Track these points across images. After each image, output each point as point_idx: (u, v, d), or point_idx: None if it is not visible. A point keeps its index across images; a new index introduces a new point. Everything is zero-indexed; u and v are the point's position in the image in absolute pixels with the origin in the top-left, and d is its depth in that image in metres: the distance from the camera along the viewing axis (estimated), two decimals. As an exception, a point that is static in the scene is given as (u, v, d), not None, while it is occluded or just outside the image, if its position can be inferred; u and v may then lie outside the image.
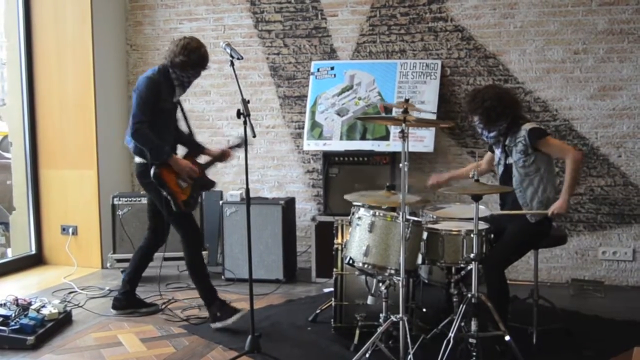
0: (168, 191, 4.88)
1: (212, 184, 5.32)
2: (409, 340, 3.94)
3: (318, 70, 6.56)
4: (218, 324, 4.87)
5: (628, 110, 5.97)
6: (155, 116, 4.86)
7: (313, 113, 6.46)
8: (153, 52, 7.26)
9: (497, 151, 4.63)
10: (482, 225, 4.29)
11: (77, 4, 6.75)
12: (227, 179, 6.97)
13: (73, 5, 6.77)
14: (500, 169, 4.60)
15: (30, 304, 4.94)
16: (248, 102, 4.36)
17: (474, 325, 3.95)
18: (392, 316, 4.06)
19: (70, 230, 6.91)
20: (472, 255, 4.02)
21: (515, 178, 4.46)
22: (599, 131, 6.05)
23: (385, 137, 6.21)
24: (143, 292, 5.91)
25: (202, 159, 5.25)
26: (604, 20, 5.97)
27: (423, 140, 6.10)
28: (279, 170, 6.93)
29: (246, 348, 4.33)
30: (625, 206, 6.03)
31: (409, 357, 3.91)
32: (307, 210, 6.73)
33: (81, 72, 6.80)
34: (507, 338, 3.97)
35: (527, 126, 4.42)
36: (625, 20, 5.92)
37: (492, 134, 4.52)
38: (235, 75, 4.42)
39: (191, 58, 4.86)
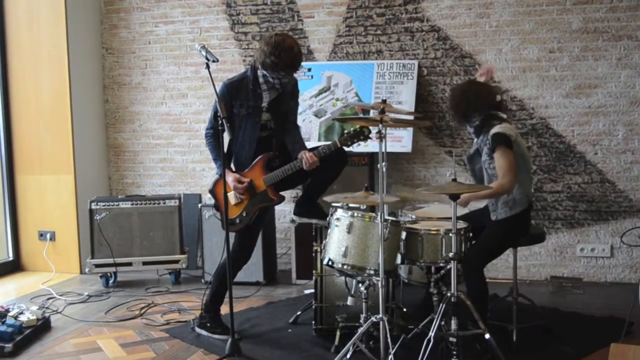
0: (216, 206, 4.82)
1: (271, 201, 4.71)
2: (389, 340, 3.94)
3: (295, 71, 6.54)
4: (203, 332, 4.83)
5: (603, 108, 6.02)
6: (230, 122, 4.47)
7: (291, 114, 6.45)
8: (129, 55, 7.22)
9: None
10: (461, 225, 4.31)
11: (51, 8, 6.69)
12: (205, 182, 6.94)
13: (47, 9, 6.71)
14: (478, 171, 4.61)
15: (7, 310, 4.90)
16: (225, 104, 4.35)
17: (454, 324, 3.95)
18: (372, 317, 4.07)
19: (48, 235, 6.85)
20: (451, 255, 4.02)
21: (486, 178, 4.48)
22: (575, 129, 6.09)
23: (365, 137, 6.20)
24: (122, 296, 5.90)
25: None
26: (578, 19, 6.01)
27: (401, 141, 6.11)
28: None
29: (226, 351, 4.33)
30: (602, 203, 6.08)
31: (390, 357, 3.91)
32: (286, 212, 6.71)
33: (56, 76, 6.75)
34: (487, 336, 3.98)
35: (495, 129, 4.35)
36: (599, 19, 5.97)
37: (471, 130, 4.53)
38: (211, 78, 4.40)
39: (282, 59, 4.41)
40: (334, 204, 4.41)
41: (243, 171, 4.69)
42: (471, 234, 4.42)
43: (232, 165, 4.75)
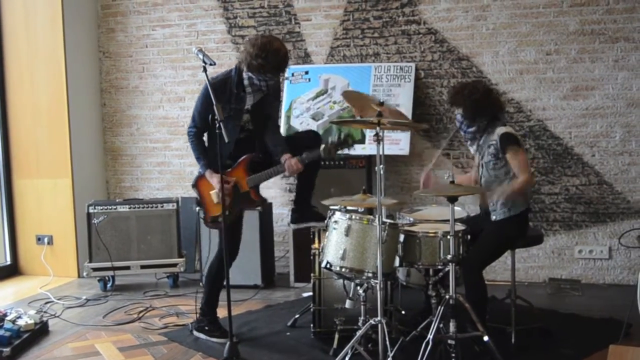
0: (199, 202, 4.83)
1: (253, 203, 4.75)
2: (388, 343, 3.94)
3: (292, 74, 6.55)
4: (201, 335, 4.82)
5: (601, 110, 6.03)
6: (211, 123, 4.46)
7: (288, 118, 6.45)
8: (126, 58, 7.22)
9: (472, 149, 4.64)
10: (459, 227, 4.30)
11: (48, 12, 6.69)
12: (203, 185, 6.94)
13: (44, 13, 6.71)
14: (481, 170, 4.60)
15: (5, 315, 4.89)
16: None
17: (452, 327, 3.96)
18: (370, 319, 4.06)
19: (46, 239, 6.84)
20: (449, 257, 4.02)
21: (485, 178, 4.48)
22: (572, 131, 6.10)
23: (361, 141, 6.20)
24: (120, 300, 5.89)
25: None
26: (575, 21, 6.02)
27: (399, 143, 6.11)
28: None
29: (225, 354, 4.31)
30: (600, 205, 6.08)
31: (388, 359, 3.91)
32: (284, 215, 6.71)
33: (53, 79, 6.74)
34: (486, 338, 3.98)
35: (500, 130, 4.40)
36: (596, 21, 5.98)
37: (471, 129, 4.52)
38: (208, 81, 4.38)
39: (270, 61, 4.38)
40: (332, 207, 4.40)
41: (224, 171, 4.64)
42: (469, 237, 4.42)
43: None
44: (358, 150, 6.15)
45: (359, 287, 4.23)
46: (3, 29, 6.83)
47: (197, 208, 4.84)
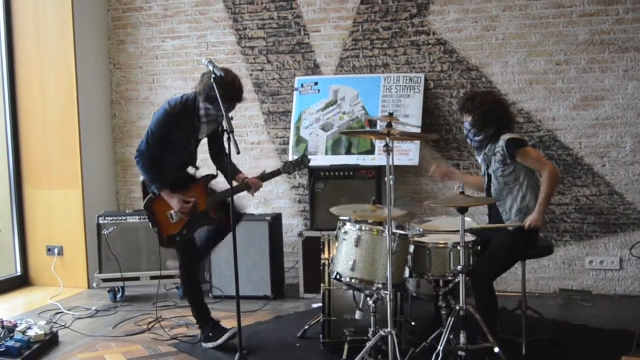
0: (154, 223, 4.84)
1: (212, 220, 4.85)
2: (398, 354, 3.92)
3: (302, 85, 6.56)
4: (210, 344, 4.83)
5: (611, 120, 6.01)
6: (162, 148, 4.66)
7: (298, 129, 6.46)
8: (136, 70, 7.25)
9: (479, 158, 4.64)
10: (469, 238, 4.29)
11: (59, 24, 6.73)
12: (213, 196, 6.94)
13: (55, 25, 6.75)
14: (486, 179, 4.61)
15: (16, 326, 4.89)
16: (232, 118, 4.36)
17: (463, 338, 3.95)
18: (380, 331, 4.05)
19: (56, 250, 6.86)
20: (459, 268, 4.01)
21: (495, 187, 4.48)
22: (583, 141, 6.08)
23: (371, 152, 6.21)
24: (130, 311, 5.89)
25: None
26: (584, 31, 6.01)
27: (408, 154, 6.11)
28: (265, 186, 6.86)
29: (235, 366, 4.32)
30: (611, 215, 6.06)
31: (399, 371, 3.90)
32: (293, 226, 6.72)
33: (64, 91, 6.78)
34: (497, 350, 3.96)
35: (505, 136, 4.42)
36: (606, 31, 5.97)
37: (478, 138, 4.52)
38: (217, 93, 4.39)
39: (227, 92, 4.46)
40: (342, 218, 4.40)
41: (183, 190, 4.77)
42: (479, 248, 4.41)
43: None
44: (367, 161, 6.16)
45: (369, 298, 4.22)
46: (15, 40, 6.87)
47: (154, 229, 4.87)
